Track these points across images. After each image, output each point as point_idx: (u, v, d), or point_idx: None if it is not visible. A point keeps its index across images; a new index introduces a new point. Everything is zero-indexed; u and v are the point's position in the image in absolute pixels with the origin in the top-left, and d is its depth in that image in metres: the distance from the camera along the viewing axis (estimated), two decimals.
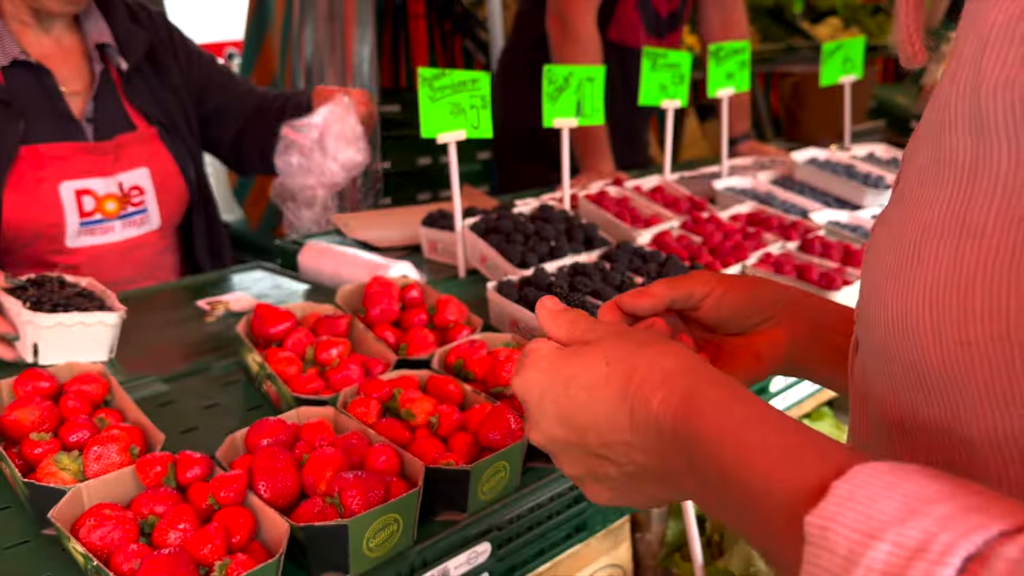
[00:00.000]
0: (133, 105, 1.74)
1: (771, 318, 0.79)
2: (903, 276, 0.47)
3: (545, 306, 0.66)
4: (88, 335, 1.28)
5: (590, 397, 0.56)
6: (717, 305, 0.78)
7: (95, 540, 0.82)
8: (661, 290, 0.76)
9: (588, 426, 0.56)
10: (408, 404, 1.08)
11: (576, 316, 0.64)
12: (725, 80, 2.02)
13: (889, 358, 0.48)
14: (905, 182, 0.51)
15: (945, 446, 0.46)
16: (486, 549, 0.99)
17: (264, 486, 0.90)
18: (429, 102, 1.50)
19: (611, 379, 0.55)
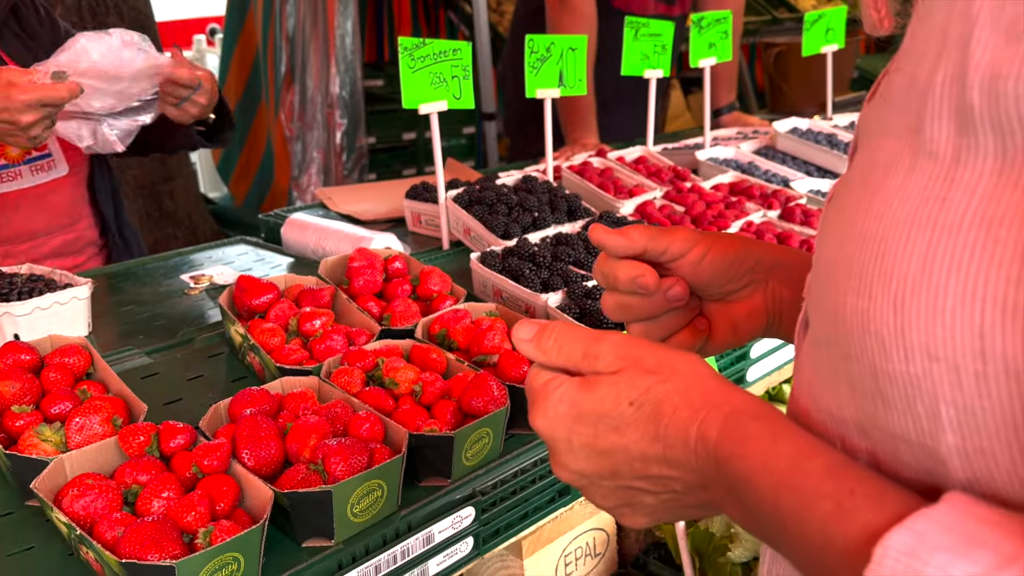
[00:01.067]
0: (10, 56, 1.69)
1: (751, 283, 0.76)
2: (864, 272, 0.43)
3: (522, 337, 0.61)
4: (65, 313, 1.27)
5: (621, 438, 0.55)
6: (696, 268, 0.74)
7: (78, 509, 0.83)
8: (638, 236, 0.73)
9: (622, 463, 0.55)
10: (392, 373, 1.08)
11: (560, 335, 0.59)
12: (707, 50, 2.02)
13: (846, 356, 0.46)
14: (867, 164, 0.47)
15: (911, 454, 0.44)
16: (470, 513, 1.00)
17: (248, 454, 0.91)
18: (410, 72, 1.49)
19: (640, 421, 0.54)
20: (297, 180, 4.06)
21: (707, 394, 0.53)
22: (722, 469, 0.50)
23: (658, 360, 0.56)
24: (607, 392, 0.55)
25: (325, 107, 3.96)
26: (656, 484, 0.55)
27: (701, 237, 0.74)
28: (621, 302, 0.75)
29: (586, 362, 0.58)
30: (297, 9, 3.94)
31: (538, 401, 0.59)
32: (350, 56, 3.96)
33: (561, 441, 0.57)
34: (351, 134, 4.06)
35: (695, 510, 0.56)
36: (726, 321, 0.77)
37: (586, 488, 0.59)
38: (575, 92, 1.77)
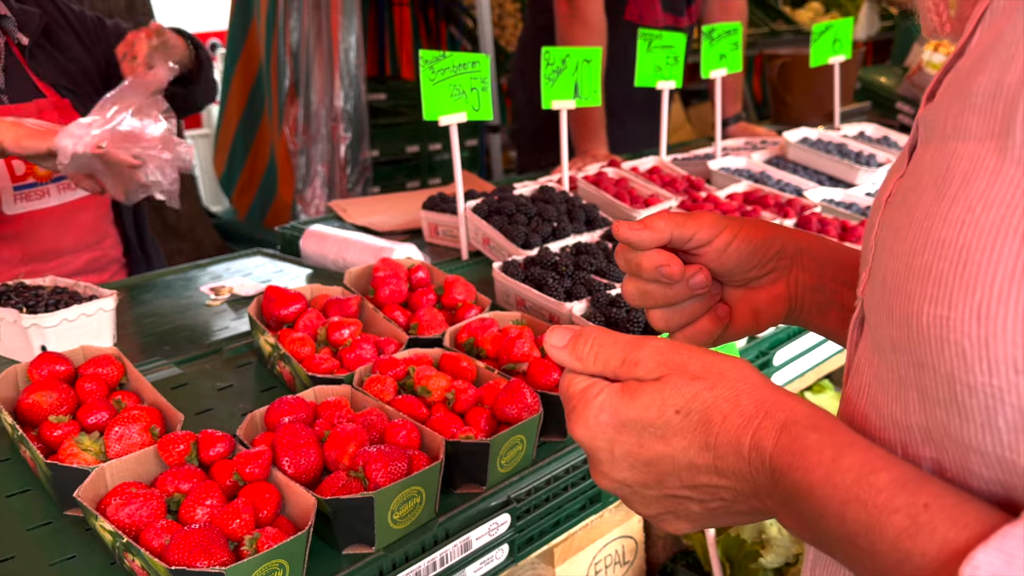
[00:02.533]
0: (40, 77, 1.72)
1: (775, 270, 0.75)
2: (943, 281, 0.42)
3: (555, 344, 0.59)
4: (92, 325, 1.27)
5: (668, 447, 0.53)
6: (721, 255, 0.73)
7: (123, 518, 0.83)
8: (663, 224, 0.71)
9: (668, 473, 0.54)
10: (424, 381, 1.09)
11: (596, 340, 0.58)
12: (718, 61, 2.04)
13: (919, 363, 0.45)
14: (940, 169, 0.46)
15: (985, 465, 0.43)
16: (506, 520, 1.00)
17: (288, 462, 0.91)
18: (431, 84, 1.50)
19: (687, 429, 0.53)
20: (301, 193, 4.07)
21: (759, 401, 0.52)
22: (779, 480, 0.49)
23: (703, 365, 0.54)
24: (651, 400, 0.54)
25: (329, 121, 3.98)
26: (704, 493, 0.54)
27: (728, 223, 0.73)
28: (643, 289, 0.74)
29: (625, 368, 0.56)
30: (301, 24, 3.97)
31: (577, 409, 0.57)
32: (354, 70, 3.98)
33: (603, 451, 0.56)
34: (355, 147, 4.07)
35: (743, 517, 0.56)
36: (748, 307, 0.77)
37: (628, 497, 0.58)
38: (590, 103, 1.79)
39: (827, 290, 0.75)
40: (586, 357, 0.58)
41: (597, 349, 0.58)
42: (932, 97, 0.52)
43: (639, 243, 0.72)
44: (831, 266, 0.75)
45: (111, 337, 1.30)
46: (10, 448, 1.04)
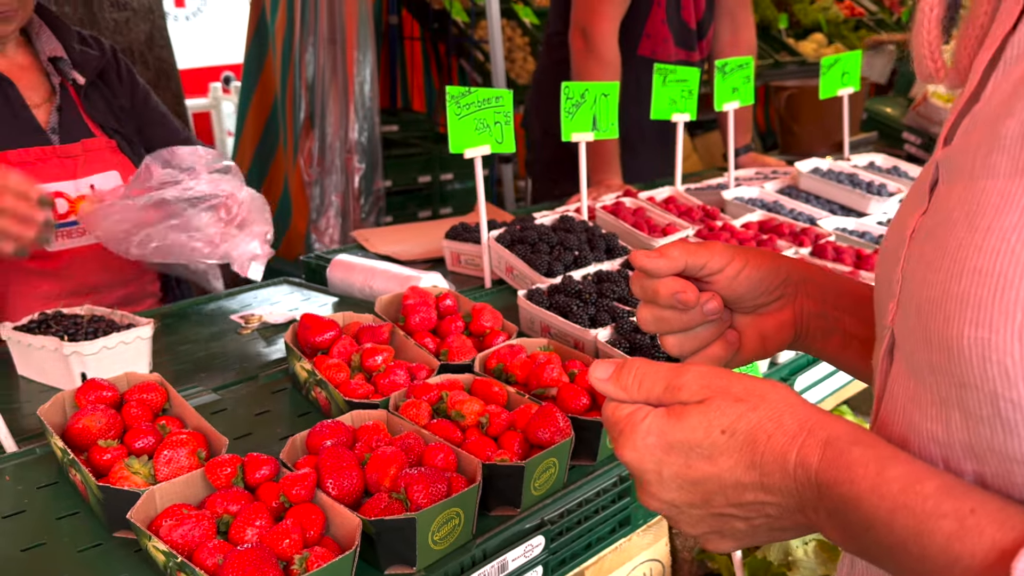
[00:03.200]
0: (91, 118, 1.78)
1: (782, 297, 0.80)
2: (983, 305, 0.45)
3: (600, 377, 0.62)
4: (130, 352, 1.31)
5: (714, 467, 0.56)
6: (731, 283, 0.77)
7: (176, 538, 0.86)
8: (678, 253, 0.76)
9: (714, 492, 0.57)
10: (458, 406, 1.12)
11: (639, 370, 0.61)
12: (731, 94, 2.09)
13: (961, 384, 0.47)
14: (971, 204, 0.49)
15: None
16: (540, 542, 1.03)
17: (332, 484, 0.94)
18: (457, 119, 1.55)
19: (733, 449, 0.55)
20: (315, 223, 4.13)
21: (801, 420, 0.55)
22: (825, 493, 0.52)
23: (745, 388, 0.58)
24: (697, 421, 0.57)
25: (344, 152, 4.05)
26: (750, 510, 0.57)
27: (737, 252, 0.78)
28: (658, 315, 0.78)
29: (669, 394, 0.60)
30: (316, 58, 4.05)
31: (625, 432, 0.60)
32: (368, 103, 4.06)
33: (651, 472, 0.59)
34: (369, 178, 4.14)
35: (786, 532, 0.59)
36: (756, 333, 0.81)
37: (675, 517, 0.61)
38: (608, 135, 1.84)
39: (829, 316, 0.80)
40: (630, 386, 0.61)
41: (640, 378, 0.61)
42: (949, 140, 0.56)
43: (655, 271, 0.77)
44: (832, 294, 0.80)
45: (147, 364, 1.34)
46: (58, 472, 1.07)
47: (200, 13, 6.41)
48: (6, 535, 0.96)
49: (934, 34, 0.60)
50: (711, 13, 2.67)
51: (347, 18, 4.02)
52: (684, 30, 2.60)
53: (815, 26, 7.19)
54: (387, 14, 5.14)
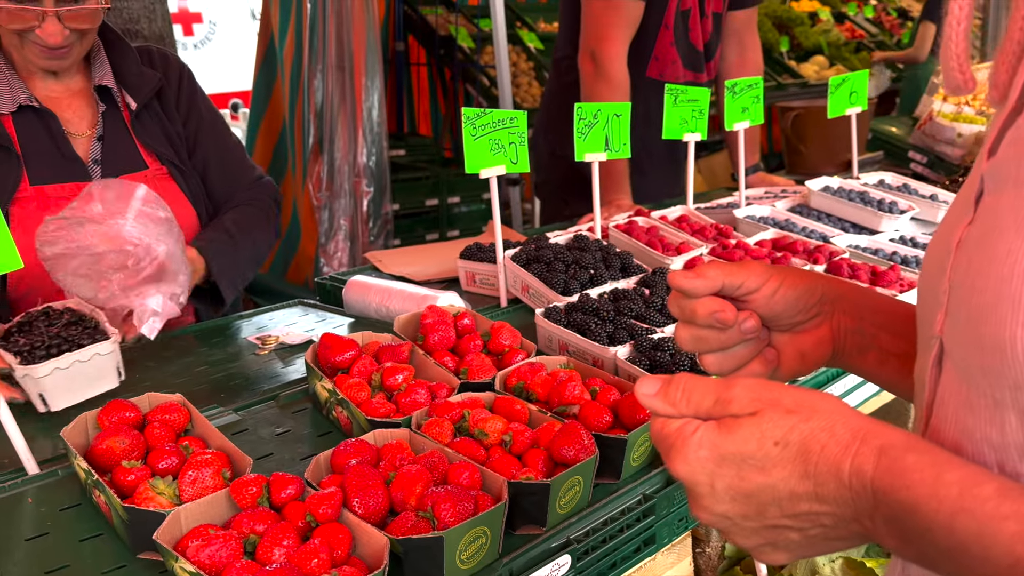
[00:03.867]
0: (144, 144, 1.77)
1: (819, 314, 0.80)
2: None
3: (646, 392, 0.62)
4: (88, 371, 1.29)
5: (768, 478, 0.56)
6: (769, 301, 0.78)
7: (204, 559, 0.85)
8: (715, 273, 0.77)
9: (768, 503, 0.57)
10: (481, 424, 1.11)
11: (687, 385, 0.61)
12: (741, 114, 2.11)
13: (1016, 385, 0.48)
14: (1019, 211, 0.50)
15: None
16: (566, 561, 1.02)
17: (358, 502, 0.93)
18: (472, 140, 1.56)
19: (786, 459, 0.55)
20: (324, 247, 4.14)
21: (853, 429, 0.55)
22: (881, 501, 0.52)
23: (796, 400, 0.58)
24: (750, 433, 0.57)
25: (352, 176, 4.08)
26: (804, 521, 0.57)
27: (774, 272, 0.79)
28: (696, 335, 0.79)
29: (718, 407, 0.60)
30: (325, 84, 4.10)
31: (676, 446, 0.60)
32: (376, 127, 4.10)
33: (703, 485, 0.59)
34: (377, 202, 4.16)
35: (841, 543, 0.58)
36: (795, 351, 0.82)
37: (728, 530, 0.61)
38: (620, 155, 1.85)
39: (866, 333, 0.80)
40: (679, 401, 0.61)
41: (688, 392, 0.61)
42: (994, 152, 0.57)
43: (693, 291, 0.77)
44: (868, 311, 0.81)
45: (117, 376, 1.32)
46: (80, 494, 1.07)
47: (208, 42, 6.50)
48: (30, 558, 0.95)
49: (962, 47, 0.61)
50: (718, 35, 2.70)
51: (355, 45, 4.07)
52: (692, 52, 2.62)
53: (816, 48, 7.25)
54: (393, 40, 5.21)
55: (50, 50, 1.61)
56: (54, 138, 1.67)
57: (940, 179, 3.24)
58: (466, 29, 5.20)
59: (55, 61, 1.65)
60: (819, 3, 7.88)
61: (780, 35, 7.04)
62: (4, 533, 0.99)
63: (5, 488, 1.06)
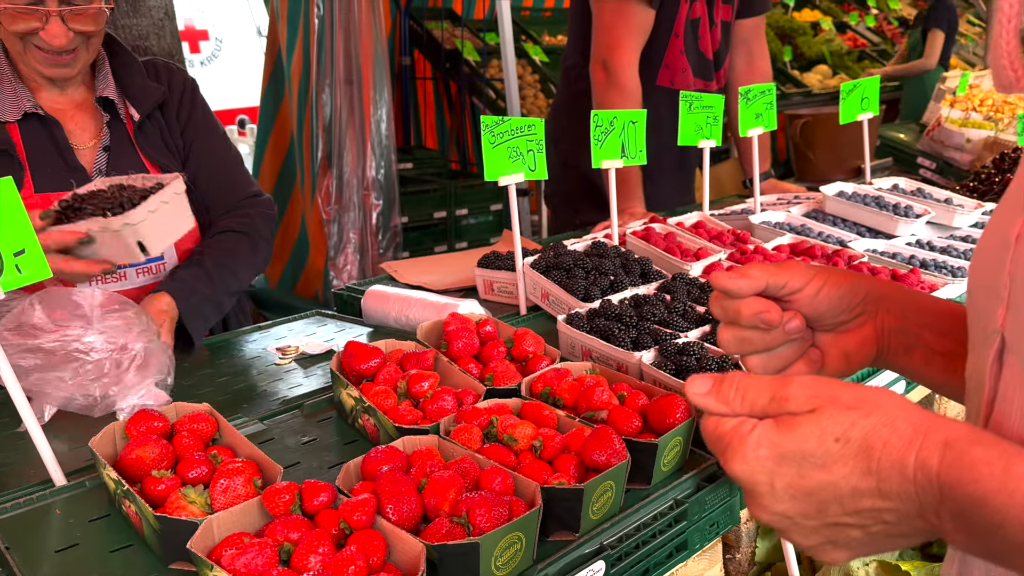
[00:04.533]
0: (146, 156, 1.77)
1: (863, 314, 0.80)
2: None
3: (698, 391, 0.62)
4: (174, 210, 1.30)
5: (829, 476, 0.55)
6: (812, 301, 0.78)
7: (239, 567, 0.84)
8: (759, 273, 0.77)
9: (829, 500, 0.56)
10: (510, 430, 1.10)
11: (740, 383, 0.61)
12: (754, 120, 2.11)
13: None
14: None
15: None
16: (601, 567, 1.00)
17: (392, 509, 0.92)
18: (491, 147, 1.56)
19: (848, 456, 0.55)
20: (334, 260, 4.15)
21: (916, 424, 0.54)
22: (948, 495, 0.51)
23: (855, 396, 0.57)
24: (810, 430, 0.56)
25: (361, 189, 4.09)
26: (866, 518, 0.56)
27: (817, 271, 0.79)
28: (740, 336, 0.79)
29: (775, 405, 0.59)
30: (333, 99, 4.12)
31: (732, 445, 0.59)
32: (385, 141, 4.11)
33: (762, 484, 0.58)
34: (386, 214, 4.17)
35: (903, 539, 0.57)
36: (839, 351, 0.81)
37: (787, 529, 0.60)
38: (636, 162, 1.85)
39: (910, 332, 0.80)
40: (732, 399, 0.61)
41: (743, 390, 0.61)
42: None
43: (738, 291, 0.77)
44: (912, 310, 0.80)
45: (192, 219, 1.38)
46: (108, 505, 1.06)
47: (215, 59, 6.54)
48: (60, 569, 0.94)
49: (1013, 44, 0.60)
50: (727, 44, 2.70)
51: (363, 59, 4.09)
52: (702, 61, 2.63)
53: (819, 58, 7.27)
54: (399, 55, 5.23)
55: (55, 55, 1.61)
56: (58, 147, 1.68)
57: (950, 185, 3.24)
58: (472, 43, 5.22)
59: (60, 69, 1.65)
60: (821, 13, 7.91)
61: (783, 45, 7.07)
62: (34, 545, 0.98)
63: (33, 500, 1.06)
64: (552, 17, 6.31)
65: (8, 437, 1.28)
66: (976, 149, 3.42)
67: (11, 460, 1.20)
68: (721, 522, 1.17)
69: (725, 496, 1.17)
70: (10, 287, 0.98)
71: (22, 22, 1.56)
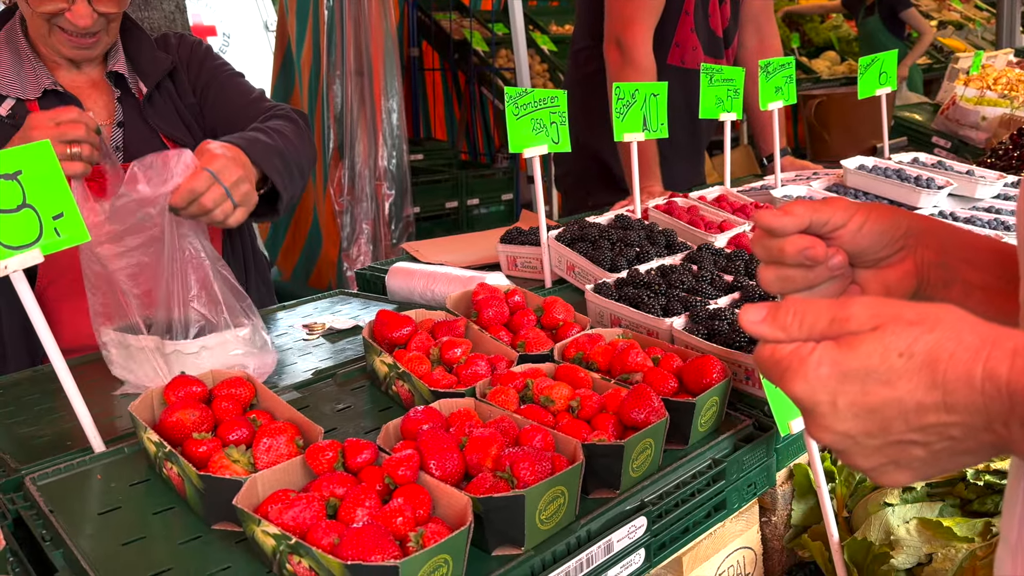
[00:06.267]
0: (159, 130, 1.76)
1: (903, 248, 0.80)
2: None
3: (753, 319, 0.61)
4: None
5: (893, 391, 0.55)
6: (855, 236, 0.78)
7: (288, 521, 0.84)
8: (802, 211, 0.76)
9: (893, 417, 0.55)
10: (546, 391, 1.10)
11: (798, 308, 0.59)
12: (774, 94, 2.10)
13: None
14: None
15: None
16: (642, 524, 1.00)
17: (435, 464, 0.92)
18: (515, 119, 1.56)
19: (912, 370, 0.54)
20: (347, 251, 4.15)
21: (982, 335, 0.54)
22: (1019, 402, 0.51)
23: (918, 313, 0.56)
24: (873, 348, 0.55)
25: (374, 180, 4.09)
26: (931, 434, 0.55)
27: (858, 207, 0.78)
28: (783, 274, 0.78)
29: (835, 327, 0.58)
30: (344, 90, 4.12)
31: (792, 367, 0.58)
32: (396, 130, 4.11)
33: (824, 404, 0.57)
34: (398, 204, 4.17)
35: (968, 457, 0.57)
36: (880, 286, 0.81)
37: (848, 450, 0.59)
38: (658, 135, 1.84)
39: (950, 266, 0.80)
40: (789, 325, 0.60)
41: (801, 315, 0.59)
42: None
43: (781, 229, 0.76)
44: (953, 244, 0.81)
45: None
46: (147, 470, 1.06)
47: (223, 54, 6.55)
48: (104, 531, 0.95)
49: None
50: (736, 22, 2.69)
51: (373, 49, 4.09)
52: (712, 38, 2.62)
53: (827, 44, 7.24)
54: (408, 46, 5.23)
55: (79, 37, 1.62)
56: None
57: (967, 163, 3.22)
58: (480, 33, 5.22)
59: (83, 51, 1.65)
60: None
61: (791, 32, 7.05)
62: (76, 508, 0.99)
63: (74, 466, 1.06)
64: (560, 7, 6.30)
65: (40, 412, 1.29)
66: (992, 127, 3.39)
67: (47, 432, 1.21)
68: (759, 482, 1.17)
69: (762, 456, 1.17)
70: (49, 250, 0.98)
71: (50, 3, 1.57)
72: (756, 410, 1.21)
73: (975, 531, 1.09)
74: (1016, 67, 3.95)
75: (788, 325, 0.60)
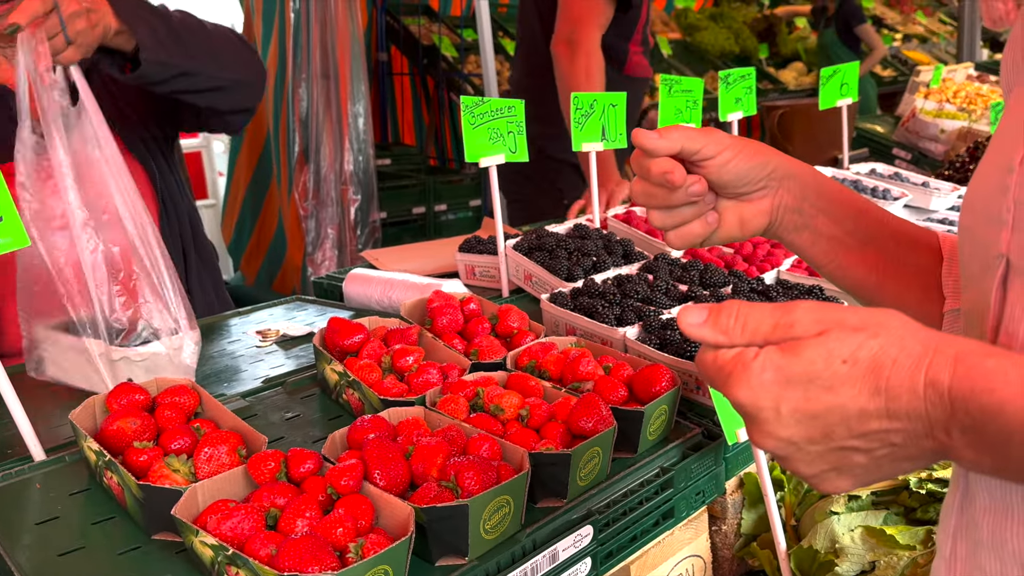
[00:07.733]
0: None
1: (765, 187, 0.86)
2: None
3: (693, 322, 0.60)
4: None
5: (836, 398, 0.55)
6: (720, 170, 0.83)
7: (225, 531, 0.83)
8: (677, 136, 0.81)
9: (836, 423, 0.55)
10: (496, 399, 1.10)
11: (740, 311, 0.59)
12: (734, 104, 2.13)
13: None
14: None
15: None
16: (589, 532, 1.00)
17: (379, 474, 0.92)
18: (471, 128, 1.56)
19: (855, 377, 0.54)
20: (312, 256, 4.12)
21: (924, 342, 0.54)
22: (959, 409, 0.51)
23: (862, 318, 0.56)
24: (816, 353, 0.55)
25: (339, 185, 4.06)
26: (873, 440, 0.55)
27: (732, 142, 0.84)
28: (647, 190, 0.86)
29: (779, 332, 0.57)
30: (309, 93, 4.09)
31: (735, 373, 0.57)
32: (363, 135, 4.09)
33: (767, 410, 0.56)
34: (364, 209, 4.15)
35: (909, 463, 0.57)
36: (736, 217, 0.87)
37: (790, 457, 0.59)
38: (616, 145, 1.85)
39: (805, 213, 0.87)
40: (732, 329, 0.58)
41: (744, 319, 0.58)
42: None
43: (653, 150, 0.83)
44: (813, 193, 0.87)
45: None
46: (89, 479, 1.04)
47: None
48: (41, 541, 0.93)
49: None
50: None
51: (340, 53, 4.07)
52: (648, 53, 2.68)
53: (794, 55, 7.35)
54: (376, 51, 5.21)
55: None
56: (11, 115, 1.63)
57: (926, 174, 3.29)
58: (449, 39, 5.22)
59: None
60: None
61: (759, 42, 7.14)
62: (13, 518, 0.96)
63: (11, 475, 1.04)
64: None
65: None
66: (950, 139, 3.47)
67: None
68: (707, 491, 1.18)
69: (711, 465, 1.18)
70: None
71: None
72: (706, 419, 1.22)
73: (917, 539, 1.11)
74: (975, 81, 4.05)
75: (730, 329, 0.59)
